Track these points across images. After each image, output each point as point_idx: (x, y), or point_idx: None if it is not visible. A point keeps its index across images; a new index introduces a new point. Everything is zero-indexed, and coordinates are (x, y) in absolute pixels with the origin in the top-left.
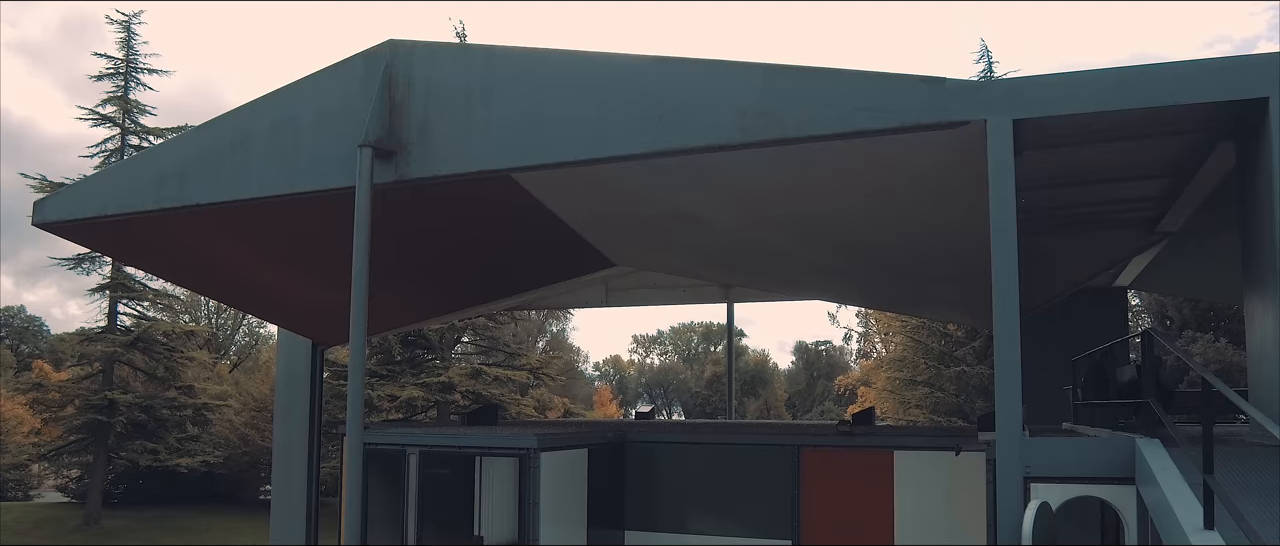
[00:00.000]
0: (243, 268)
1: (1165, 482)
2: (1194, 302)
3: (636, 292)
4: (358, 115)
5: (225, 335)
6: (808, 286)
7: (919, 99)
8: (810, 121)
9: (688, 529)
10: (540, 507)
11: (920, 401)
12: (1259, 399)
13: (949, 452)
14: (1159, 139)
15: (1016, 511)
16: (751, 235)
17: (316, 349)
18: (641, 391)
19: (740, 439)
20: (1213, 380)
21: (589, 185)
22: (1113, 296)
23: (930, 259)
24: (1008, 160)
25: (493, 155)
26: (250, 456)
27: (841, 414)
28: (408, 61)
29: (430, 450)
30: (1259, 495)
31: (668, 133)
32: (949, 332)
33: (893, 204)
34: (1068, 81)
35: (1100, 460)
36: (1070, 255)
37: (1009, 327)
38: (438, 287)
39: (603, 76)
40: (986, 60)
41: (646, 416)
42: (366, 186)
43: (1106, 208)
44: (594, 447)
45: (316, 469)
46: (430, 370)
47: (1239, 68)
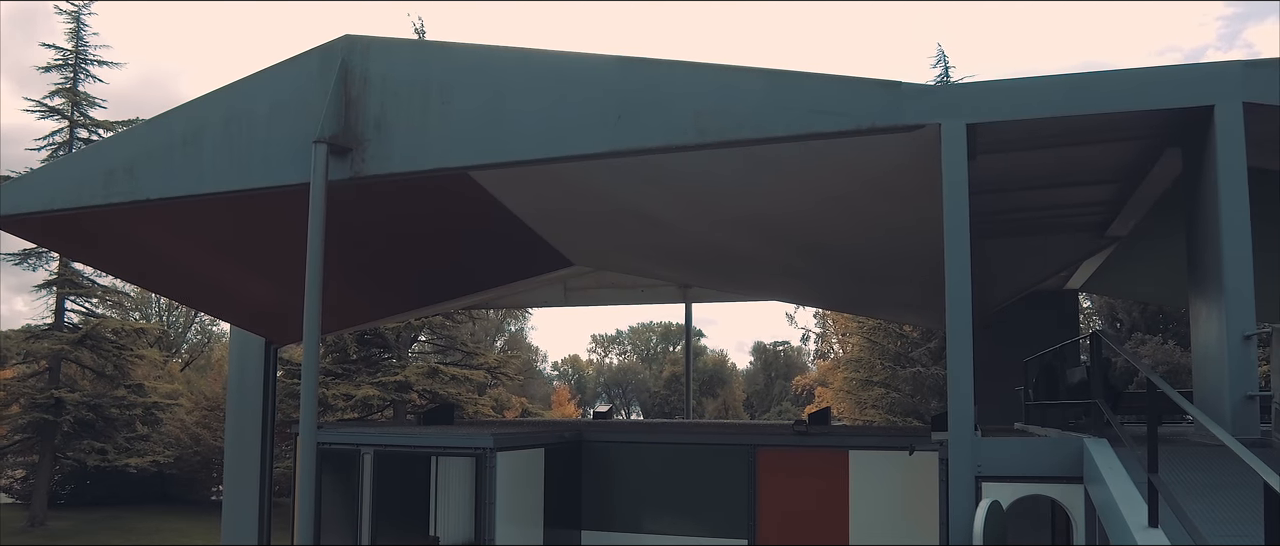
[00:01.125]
0: (194, 264)
1: (1112, 481)
2: (1143, 306)
3: (595, 292)
4: (313, 111)
5: (176, 333)
6: (766, 287)
7: (875, 102)
8: (767, 123)
9: (644, 528)
10: (496, 507)
11: (876, 401)
12: (1204, 399)
13: (903, 452)
14: (1108, 145)
15: (968, 510)
16: (710, 236)
17: (270, 347)
18: (600, 391)
19: (696, 439)
20: (1157, 381)
21: (547, 184)
22: (1064, 299)
23: (887, 261)
24: (961, 163)
25: (450, 153)
26: (202, 456)
27: (799, 414)
28: (364, 57)
29: (385, 449)
30: (1202, 493)
31: (626, 132)
32: (905, 334)
33: (850, 206)
34: (1020, 87)
35: (1049, 460)
36: (1022, 258)
37: (961, 329)
38: (394, 286)
39: (561, 75)
40: (943, 65)
41: (604, 416)
42: (321, 183)
43: (1058, 212)
44: (551, 447)
45: (269, 469)
46: (386, 369)
47: (1185, 76)
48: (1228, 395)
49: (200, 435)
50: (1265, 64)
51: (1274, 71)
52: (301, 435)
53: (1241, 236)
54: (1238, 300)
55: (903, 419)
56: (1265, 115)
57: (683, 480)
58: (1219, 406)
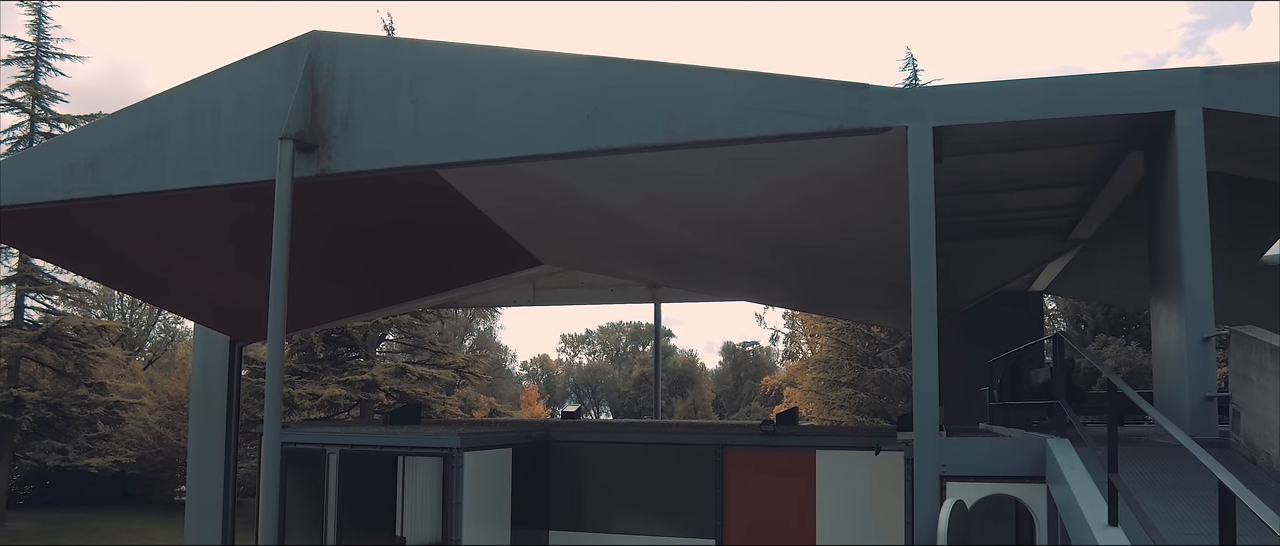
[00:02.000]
0: (157, 261)
1: (1073, 481)
2: (1107, 307)
3: (564, 292)
4: (279, 107)
5: (139, 331)
6: (736, 287)
7: (843, 104)
8: (736, 124)
9: (612, 528)
10: (463, 507)
11: (844, 402)
12: (1164, 400)
13: (870, 452)
14: (1072, 148)
15: (933, 509)
16: (680, 236)
17: (234, 346)
18: (569, 391)
19: (664, 438)
20: (1118, 382)
21: (517, 183)
22: (1029, 300)
23: (857, 262)
24: (928, 166)
25: (419, 151)
26: (165, 456)
27: (767, 414)
28: (332, 53)
29: (351, 449)
30: (1160, 492)
31: (595, 132)
32: (873, 334)
33: (820, 208)
34: (985, 91)
35: (1013, 459)
36: (989, 260)
37: (926, 330)
38: (361, 284)
39: (531, 74)
40: (912, 68)
41: (573, 416)
42: (287, 180)
43: (1023, 214)
44: (518, 447)
45: (233, 469)
46: (353, 368)
47: (1147, 82)
48: (1187, 396)
49: (163, 434)
50: (1224, 71)
51: (1233, 78)
52: (265, 434)
53: (1201, 240)
54: (1197, 302)
55: (870, 419)
56: (1224, 121)
57: (650, 480)
58: (1179, 407)
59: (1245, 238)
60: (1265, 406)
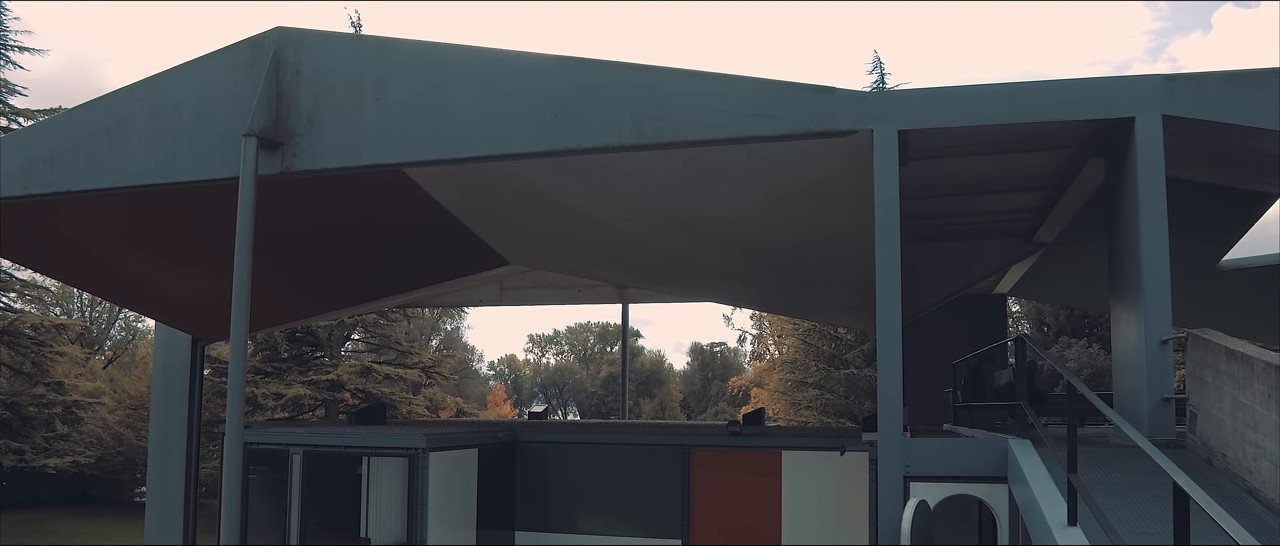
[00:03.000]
0: (117, 259)
1: (1034, 481)
2: (1069, 310)
3: (531, 292)
4: (243, 103)
5: (99, 329)
6: (703, 289)
7: (809, 107)
8: (703, 125)
9: (578, 529)
10: (428, 508)
11: (811, 403)
12: (1122, 401)
13: (835, 452)
14: (1035, 153)
15: (897, 509)
16: (649, 237)
17: (196, 345)
18: (537, 391)
19: (630, 439)
20: (1077, 384)
21: (483, 182)
22: (993, 302)
23: (824, 264)
24: (893, 169)
25: (385, 149)
26: (125, 456)
27: (735, 414)
28: (297, 49)
29: (315, 450)
30: (1119, 492)
31: (563, 132)
32: (839, 336)
33: (788, 210)
34: (950, 95)
35: (975, 460)
36: (954, 262)
37: (891, 332)
38: (326, 283)
39: (499, 73)
40: (879, 71)
41: (539, 416)
42: (250, 178)
43: (987, 218)
44: (484, 447)
45: (195, 469)
46: (318, 368)
47: (1108, 88)
48: (1145, 397)
49: (123, 435)
50: (1184, 78)
51: (1191, 85)
52: (228, 434)
53: (1159, 244)
54: (1156, 305)
55: (836, 420)
56: (1183, 127)
57: (617, 480)
58: (1137, 408)
59: (1204, 243)
60: (1220, 408)
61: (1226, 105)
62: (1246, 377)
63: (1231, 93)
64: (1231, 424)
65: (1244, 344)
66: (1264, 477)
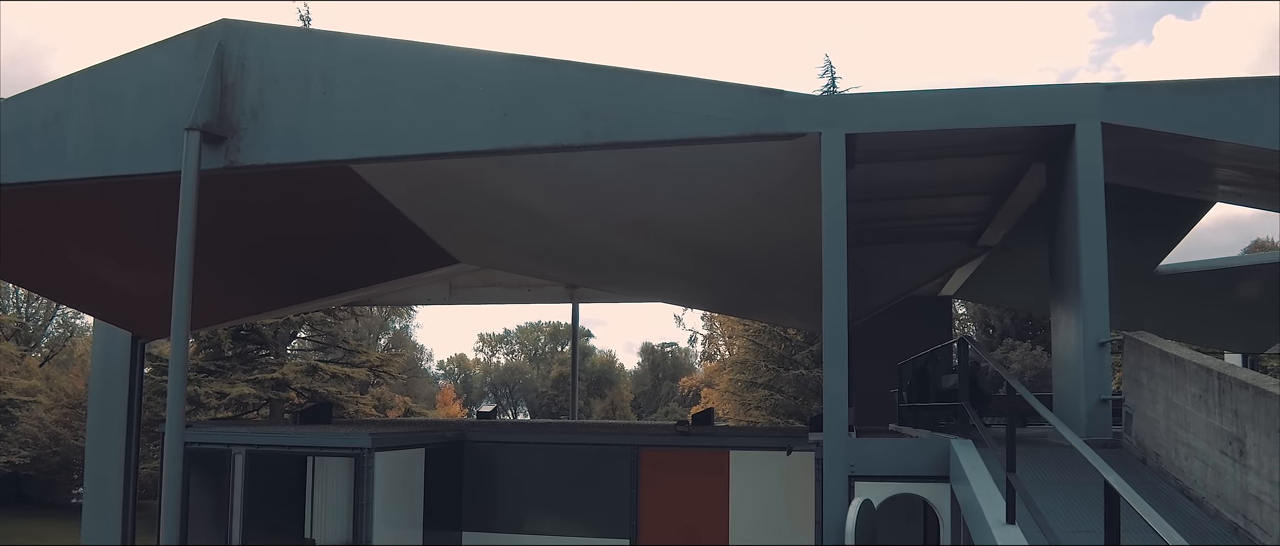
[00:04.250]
0: (55, 253)
1: (974, 480)
2: (1014, 312)
3: (481, 290)
4: (186, 96)
5: (36, 326)
6: (654, 289)
7: (759, 109)
8: (653, 126)
9: (526, 529)
10: (374, 508)
11: (760, 403)
12: (1062, 402)
13: (782, 452)
14: (979, 158)
15: (842, 509)
16: (600, 237)
17: (136, 342)
18: (487, 391)
19: (579, 439)
20: (1016, 385)
21: (432, 180)
22: (939, 305)
23: (774, 266)
24: (840, 171)
25: (331, 145)
26: (61, 456)
27: (685, 414)
28: (242, 42)
29: (258, 450)
30: (1056, 491)
31: (512, 131)
32: (789, 337)
33: (738, 212)
34: (897, 100)
35: (918, 459)
36: (900, 265)
37: (837, 333)
38: (271, 280)
39: (447, 70)
40: (830, 75)
41: (488, 416)
42: (193, 172)
43: (933, 221)
44: (432, 447)
45: (134, 470)
46: (263, 366)
47: (1050, 96)
48: (1083, 398)
49: (60, 434)
50: (1123, 87)
51: (1130, 95)
52: (168, 434)
53: (1098, 248)
54: (1093, 309)
55: (786, 420)
56: (1122, 135)
57: (565, 480)
58: (1075, 409)
59: (1142, 248)
60: (1154, 409)
61: (1162, 114)
62: (1179, 379)
63: (1167, 102)
64: (1165, 424)
65: (1177, 346)
66: (1195, 476)
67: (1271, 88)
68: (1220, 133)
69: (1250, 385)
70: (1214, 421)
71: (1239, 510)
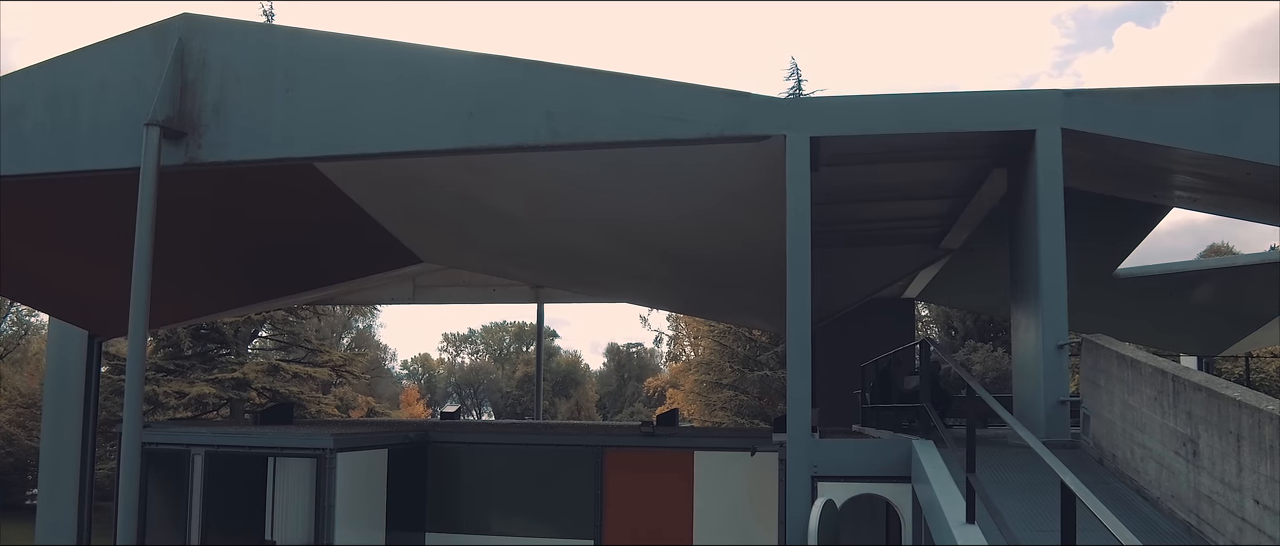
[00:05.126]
0: (10, 250)
1: (935, 481)
2: (976, 314)
3: (445, 290)
4: (146, 92)
5: None
6: (619, 290)
7: (724, 111)
8: (619, 127)
9: (490, 530)
10: (336, 509)
11: (725, 404)
12: (1021, 404)
13: (746, 453)
14: (942, 162)
15: (805, 509)
16: (565, 237)
17: (93, 340)
18: (451, 391)
19: (543, 439)
20: (975, 387)
21: (396, 179)
22: (902, 307)
23: (739, 268)
24: (804, 174)
25: (294, 143)
26: (15, 457)
27: (650, 415)
28: (204, 38)
29: (218, 450)
30: (1014, 491)
31: (477, 130)
32: (754, 338)
33: (703, 214)
34: (861, 104)
35: (880, 460)
36: (863, 267)
37: (801, 334)
38: (232, 278)
39: (412, 69)
40: (796, 78)
41: (452, 416)
42: (152, 168)
43: (896, 224)
44: (394, 448)
45: (90, 471)
46: (223, 365)
47: (1011, 102)
48: (1042, 400)
49: (14, 434)
50: (1082, 93)
51: (1089, 101)
52: (125, 434)
53: (1057, 252)
54: (1052, 312)
55: (750, 421)
56: (1081, 141)
57: (529, 481)
58: (1035, 410)
59: (1101, 252)
60: (1111, 410)
61: (1120, 121)
62: (1135, 381)
63: (1125, 109)
64: (1121, 425)
65: (1134, 349)
66: (1150, 477)
67: (1226, 96)
68: (1176, 140)
69: (1204, 388)
70: (1168, 423)
71: (1192, 510)
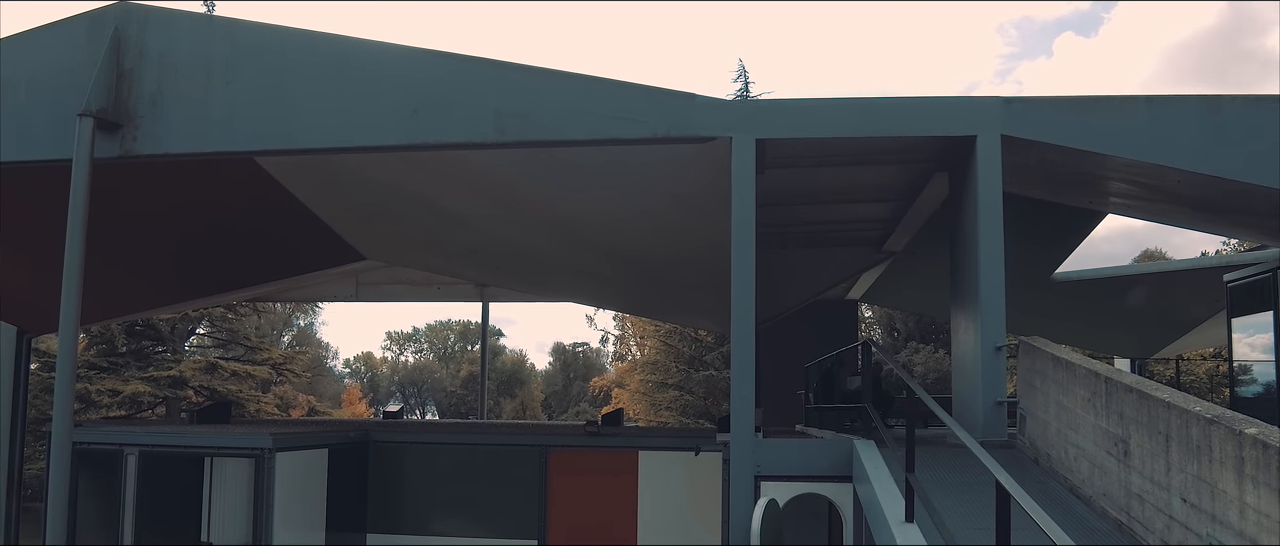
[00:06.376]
0: None
1: (875, 480)
2: (918, 316)
3: (388, 288)
4: (79, 82)
5: None
6: (565, 289)
7: (671, 112)
8: (566, 126)
9: (432, 530)
10: (274, 510)
11: (671, 403)
12: (960, 404)
13: (690, 452)
14: (885, 166)
15: (748, 508)
16: (511, 236)
17: (23, 337)
18: (394, 390)
19: (487, 439)
20: (915, 388)
21: (339, 175)
22: (846, 308)
23: (684, 268)
24: (749, 176)
25: (233, 136)
26: None
27: (595, 415)
28: (140, 27)
29: (152, 450)
30: (952, 490)
31: (423, 127)
32: (700, 338)
33: (650, 214)
34: (806, 107)
35: (823, 459)
36: (808, 268)
37: (745, 334)
38: (169, 274)
39: (356, 63)
40: (744, 80)
41: (395, 416)
42: (85, 160)
43: (839, 226)
44: (335, 447)
45: (19, 470)
46: (159, 363)
47: (952, 107)
48: (980, 400)
49: None
50: (1022, 101)
51: (1027, 108)
52: (55, 434)
53: (996, 256)
54: (991, 314)
55: (696, 421)
56: (1020, 147)
57: (473, 481)
58: (973, 411)
59: (1039, 256)
60: (1046, 411)
61: (1058, 128)
62: (1069, 382)
63: (1063, 117)
64: (1056, 425)
65: (1069, 351)
66: (1083, 476)
67: (1158, 107)
68: (1111, 147)
69: (1135, 389)
70: (1101, 423)
71: (1123, 508)
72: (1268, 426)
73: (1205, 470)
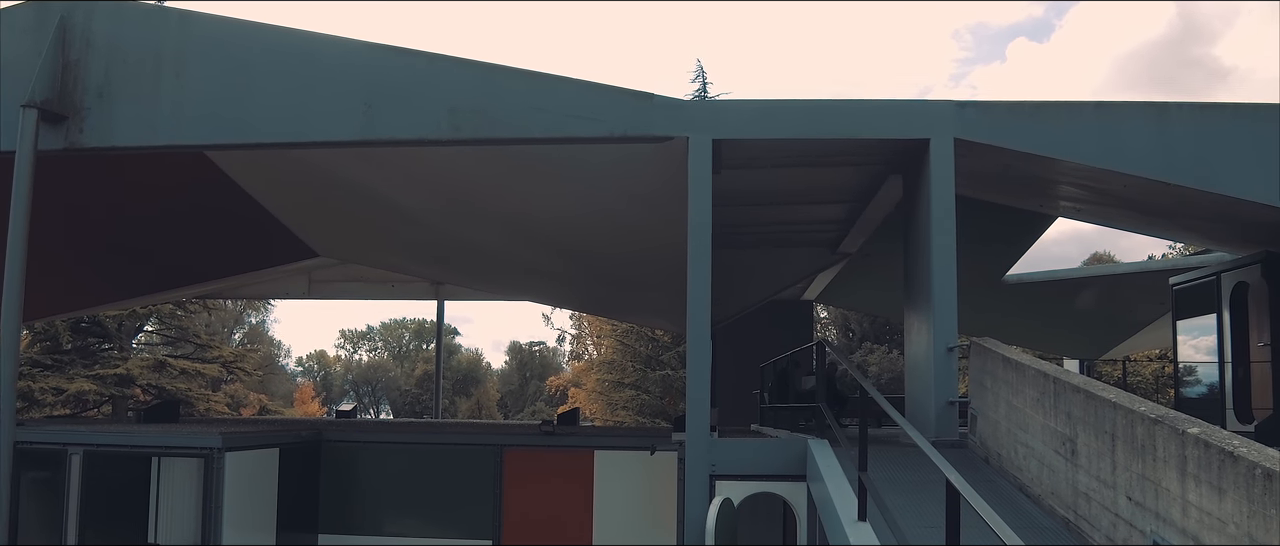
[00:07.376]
0: None
1: (829, 479)
2: (873, 317)
3: (342, 285)
4: (23, 72)
5: None
6: (521, 287)
7: (628, 111)
8: (522, 124)
9: (385, 531)
10: (224, 510)
11: (627, 403)
12: (913, 404)
13: (645, 452)
14: (840, 168)
15: (703, 507)
16: (466, 234)
17: None
18: (347, 388)
19: (442, 439)
20: (868, 388)
21: (291, 170)
22: (801, 308)
23: (641, 268)
24: (706, 176)
25: (183, 130)
26: None
27: (551, 414)
28: (88, 17)
29: (98, 450)
30: (905, 489)
31: (376, 123)
32: (656, 337)
33: (606, 214)
34: (762, 108)
35: (777, 459)
36: (764, 269)
37: (700, 334)
38: (116, 269)
39: (309, 57)
40: (701, 80)
41: (347, 415)
42: (28, 152)
43: (795, 227)
44: (286, 447)
45: None
46: (105, 361)
47: (906, 111)
48: (933, 401)
49: None
50: (975, 105)
51: (979, 112)
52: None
53: (948, 258)
54: (943, 315)
55: (652, 420)
56: (973, 150)
57: (427, 481)
58: (925, 411)
59: (991, 258)
60: (996, 411)
61: (1010, 132)
62: (1019, 383)
63: (1014, 121)
64: (1006, 425)
65: (1019, 352)
66: (1032, 474)
67: (1107, 113)
68: (1061, 152)
69: (1082, 389)
70: (1050, 423)
71: (1070, 506)
72: (1210, 426)
73: (1150, 469)
